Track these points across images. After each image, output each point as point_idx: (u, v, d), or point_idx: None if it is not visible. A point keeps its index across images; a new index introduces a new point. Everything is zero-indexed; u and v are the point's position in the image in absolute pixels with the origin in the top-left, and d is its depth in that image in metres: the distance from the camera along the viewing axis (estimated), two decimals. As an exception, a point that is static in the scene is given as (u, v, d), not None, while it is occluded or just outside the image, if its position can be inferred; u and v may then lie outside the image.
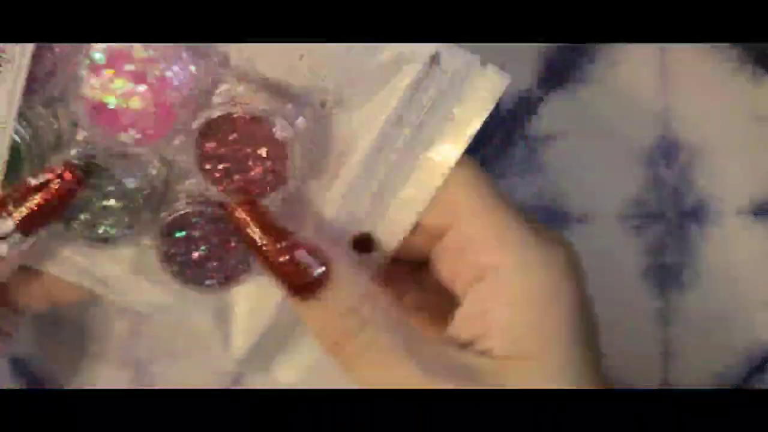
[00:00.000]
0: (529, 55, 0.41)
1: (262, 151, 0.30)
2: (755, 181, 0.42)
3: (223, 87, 0.31)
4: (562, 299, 0.29)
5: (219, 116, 0.30)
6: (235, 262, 0.32)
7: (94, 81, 0.29)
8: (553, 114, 0.42)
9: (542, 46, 0.41)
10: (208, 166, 0.30)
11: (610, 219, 0.42)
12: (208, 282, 0.32)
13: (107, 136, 0.30)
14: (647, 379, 0.41)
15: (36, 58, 0.29)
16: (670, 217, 0.42)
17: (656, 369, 0.41)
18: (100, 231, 0.32)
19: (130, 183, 0.31)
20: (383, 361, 0.29)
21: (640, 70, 0.42)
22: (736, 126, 0.41)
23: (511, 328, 0.29)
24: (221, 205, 0.30)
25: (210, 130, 0.30)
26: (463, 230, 0.30)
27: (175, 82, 0.29)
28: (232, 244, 0.32)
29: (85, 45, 0.29)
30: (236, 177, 0.30)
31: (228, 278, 0.32)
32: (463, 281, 0.30)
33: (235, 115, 0.29)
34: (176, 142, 0.31)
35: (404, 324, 0.30)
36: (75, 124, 0.32)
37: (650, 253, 0.42)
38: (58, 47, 0.30)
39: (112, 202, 0.31)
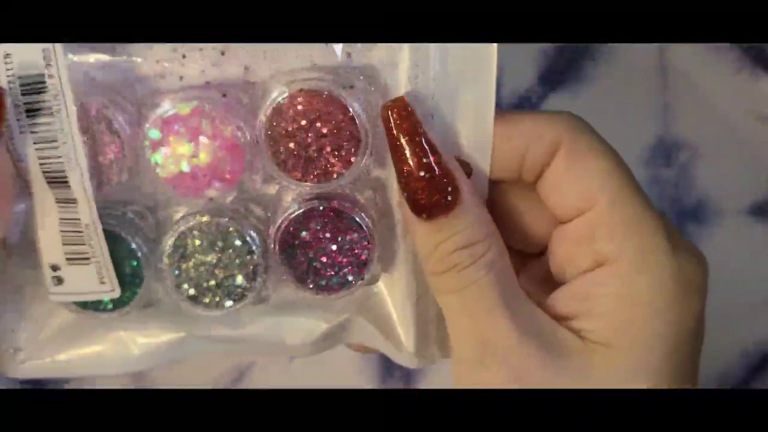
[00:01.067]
0: (529, 55, 0.41)
1: (332, 129, 0.30)
2: (755, 181, 0.42)
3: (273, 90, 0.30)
4: (675, 308, 0.28)
5: (277, 106, 0.29)
6: (357, 243, 0.32)
7: (160, 158, 0.30)
8: (553, 114, 0.42)
9: (542, 46, 0.41)
10: (283, 160, 0.30)
11: (610, 219, 0.42)
12: (350, 278, 0.32)
13: (196, 198, 0.30)
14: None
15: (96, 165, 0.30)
16: (670, 217, 0.42)
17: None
18: (238, 281, 0.32)
19: (239, 241, 0.32)
20: (477, 305, 0.29)
21: (640, 70, 0.42)
22: (735, 125, 0.41)
23: (614, 318, 0.28)
24: (383, 109, 0.29)
25: (274, 126, 0.30)
26: (594, 217, 0.29)
27: (228, 122, 0.30)
28: (344, 228, 0.31)
29: (141, 130, 0.30)
30: (312, 166, 0.30)
31: (360, 265, 0.32)
32: (577, 266, 0.29)
33: (303, 96, 0.29)
34: (256, 175, 0.31)
35: (509, 275, 0.29)
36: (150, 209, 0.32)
37: (650, 252, 0.42)
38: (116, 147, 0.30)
39: (235, 269, 0.32)
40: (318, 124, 0.30)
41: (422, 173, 0.28)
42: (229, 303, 0.32)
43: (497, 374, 0.28)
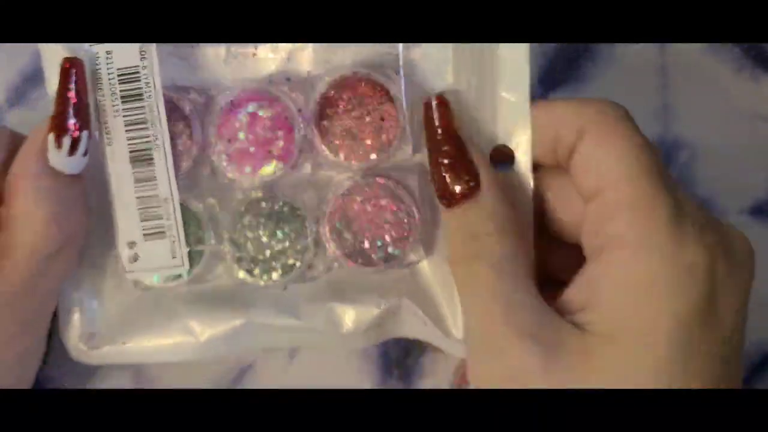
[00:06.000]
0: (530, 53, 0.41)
1: (375, 112, 0.34)
2: (755, 181, 0.42)
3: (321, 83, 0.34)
4: (675, 296, 0.27)
5: (325, 91, 0.34)
6: (401, 217, 0.35)
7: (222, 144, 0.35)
8: (553, 114, 0.42)
9: (542, 47, 0.41)
10: (331, 140, 0.34)
11: (609, 219, 0.42)
12: (392, 251, 0.34)
13: (254, 176, 0.34)
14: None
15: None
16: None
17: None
18: (286, 263, 0.35)
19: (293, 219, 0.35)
20: (479, 296, 0.29)
21: (640, 70, 0.42)
22: (735, 126, 0.42)
23: (616, 309, 0.27)
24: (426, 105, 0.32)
25: (322, 111, 0.34)
26: (607, 197, 0.28)
27: (284, 104, 0.34)
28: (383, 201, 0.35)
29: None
30: (356, 146, 0.34)
31: (403, 239, 0.34)
32: (591, 249, 0.29)
33: (350, 81, 0.34)
34: (302, 163, 0.35)
35: (518, 272, 0.29)
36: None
37: (650, 252, 0.42)
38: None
39: (287, 242, 0.35)
40: (360, 108, 0.34)
41: (445, 160, 0.30)
42: (277, 274, 0.35)
43: (494, 371, 0.29)
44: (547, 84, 0.42)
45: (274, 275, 0.35)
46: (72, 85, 0.32)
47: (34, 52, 0.41)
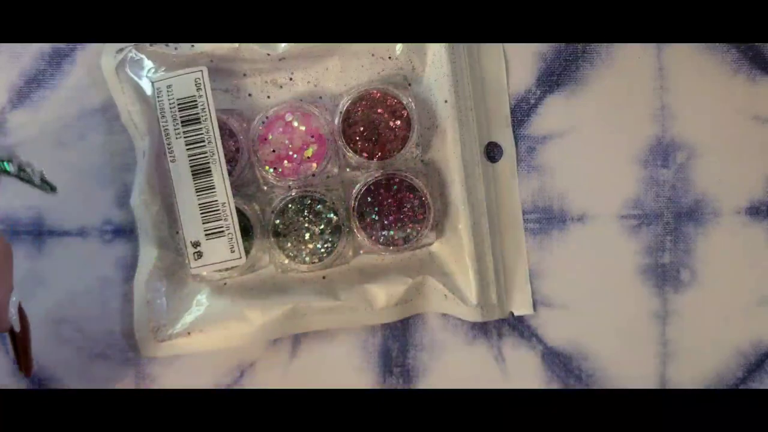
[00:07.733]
0: (526, 57, 0.42)
1: (393, 119, 0.40)
2: (752, 181, 0.42)
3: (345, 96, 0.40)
4: None
5: (349, 105, 0.40)
6: (415, 205, 0.40)
7: (265, 152, 0.40)
8: (552, 114, 0.42)
9: (542, 46, 0.42)
10: (354, 144, 0.39)
11: (607, 219, 0.42)
12: (410, 233, 0.40)
13: (300, 175, 0.40)
14: (645, 379, 0.41)
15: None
16: (668, 217, 0.42)
17: (654, 368, 0.41)
18: (322, 249, 0.40)
19: (327, 209, 0.40)
20: None
21: (638, 70, 0.42)
22: (732, 126, 0.42)
23: None
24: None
25: (348, 118, 0.40)
26: None
27: (315, 115, 0.40)
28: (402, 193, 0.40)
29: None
30: (376, 147, 0.40)
31: (418, 222, 0.40)
32: None
33: (368, 95, 0.40)
34: (331, 165, 0.40)
35: None
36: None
37: (648, 252, 0.42)
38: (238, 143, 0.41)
39: (321, 229, 0.40)
40: (378, 116, 0.40)
41: None
42: (316, 259, 0.40)
43: None
44: (545, 86, 0.42)
45: (313, 259, 0.40)
46: None
47: (35, 54, 0.42)
